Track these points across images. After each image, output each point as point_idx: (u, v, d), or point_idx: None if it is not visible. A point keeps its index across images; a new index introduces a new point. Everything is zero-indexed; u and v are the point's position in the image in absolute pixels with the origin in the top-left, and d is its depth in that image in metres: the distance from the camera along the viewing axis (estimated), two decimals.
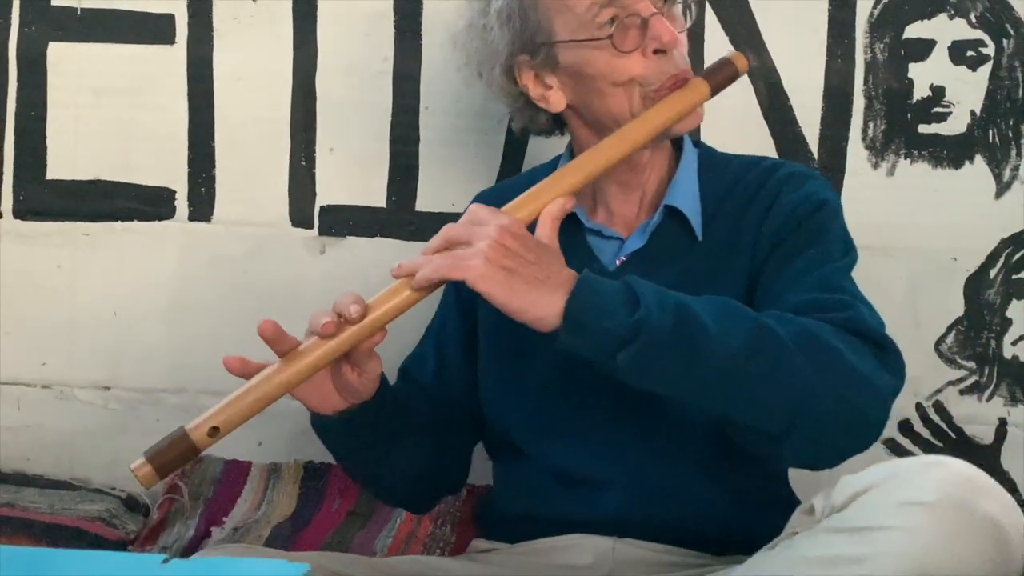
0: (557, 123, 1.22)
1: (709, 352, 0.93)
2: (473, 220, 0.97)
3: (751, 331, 0.95)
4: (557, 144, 1.28)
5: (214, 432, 0.94)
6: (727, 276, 1.13)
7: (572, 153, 1.21)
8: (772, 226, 1.13)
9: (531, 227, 0.99)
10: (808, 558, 0.88)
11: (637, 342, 0.91)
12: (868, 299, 1.07)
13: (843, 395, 0.96)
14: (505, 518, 1.20)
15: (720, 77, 1.12)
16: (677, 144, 1.21)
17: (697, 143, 1.24)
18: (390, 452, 1.13)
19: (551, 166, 1.24)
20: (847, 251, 1.13)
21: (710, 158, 1.22)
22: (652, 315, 0.92)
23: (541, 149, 1.28)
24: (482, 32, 1.17)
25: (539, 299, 0.92)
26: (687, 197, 1.17)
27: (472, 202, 1.27)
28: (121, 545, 1.40)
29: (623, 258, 1.16)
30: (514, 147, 1.56)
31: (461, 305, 1.25)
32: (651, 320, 0.91)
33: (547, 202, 1.01)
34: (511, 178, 1.36)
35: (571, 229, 1.12)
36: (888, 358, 1.01)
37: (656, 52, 1.09)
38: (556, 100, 1.15)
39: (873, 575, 0.82)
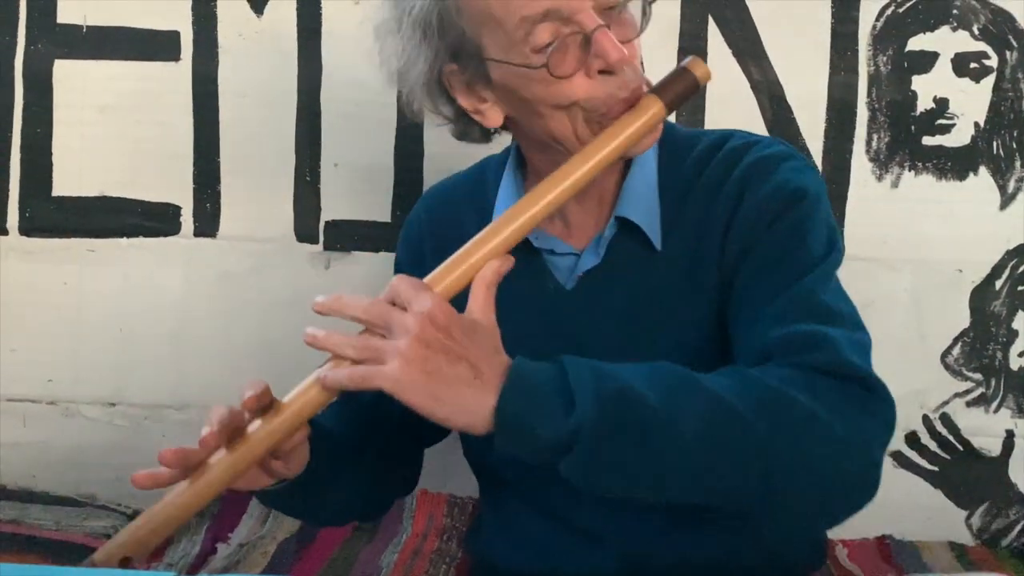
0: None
1: (660, 444, 0.83)
2: (395, 299, 0.85)
3: (706, 409, 0.84)
4: None
5: (125, 562, 0.90)
6: (693, 292, 1.02)
7: (519, 152, 1.12)
8: (739, 231, 1.00)
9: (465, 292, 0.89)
10: None
11: (576, 449, 0.81)
12: (856, 309, 0.98)
13: (822, 463, 0.85)
14: (494, 567, 1.14)
15: (676, 91, 0.98)
16: None
17: None
18: (327, 496, 1.04)
19: (502, 159, 1.17)
20: (829, 250, 0.99)
21: (672, 143, 1.08)
22: (588, 415, 0.81)
23: None
24: (397, 36, 1.03)
25: (467, 404, 0.82)
26: (642, 203, 1.04)
27: (420, 201, 1.25)
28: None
29: (579, 275, 1.06)
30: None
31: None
32: (588, 422, 0.81)
33: (479, 264, 0.89)
34: (459, 173, 1.25)
35: (525, 245, 1.01)
36: (873, 401, 0.90)
37: (602, 72, 0.96)
38: (493, 116, 1.03)
39: None
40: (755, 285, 0.98)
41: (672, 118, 1.09)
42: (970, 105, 1.54)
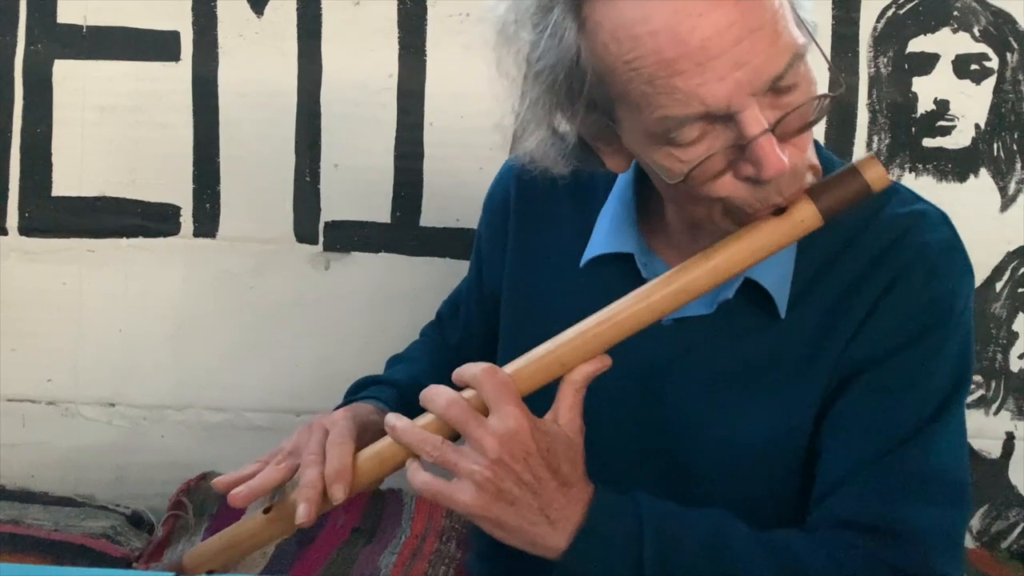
0: None
1: None
2: (478, 390, 0.83)
3: None
4: None
5: (210, 572, 0.95)
6: (806, 373, 0.91)
7: (638, 172, 0.98)
8: (872, 336, 0.89)
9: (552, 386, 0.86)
10: None
11: None
12: (966, 460, 0.90)
13: None
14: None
15: (838, 199, 0.82)
16: None
17: None
18: None
19: (608, 180, 1.01)
20: (959, 381, 0.90)
21: None
22: None
23: None
24: (523, 78, 0.87)
25: (536, 541, 0.82)
26: (775, 268, 0.90)
27: (509, 170, 1.10)
28: (126, 562, 1.39)
29: (680, 318, 0.93)
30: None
31: (483, 280, 1.12)
32: None
33: (572, 361, 0.84)
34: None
35: (633, 270, 0.95)
36: None
37: (748, 178, 0.81)
38: (617, 163, 0.91)
39: None
40: (862, 424, 0.89)
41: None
42: (971, 107, 1.54)
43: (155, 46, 1.56)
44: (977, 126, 1.54)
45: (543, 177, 0.96)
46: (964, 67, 1.54)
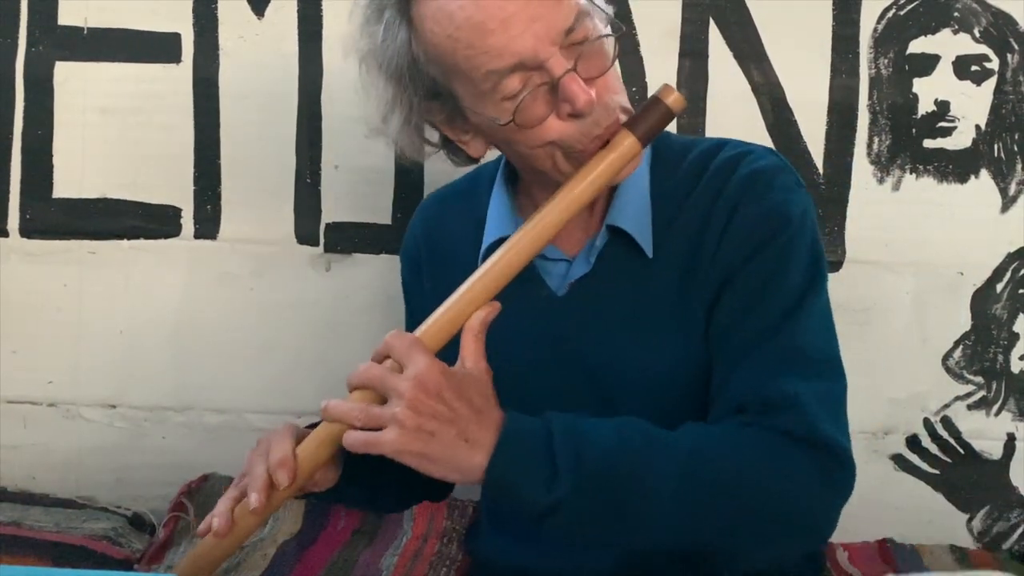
0: None
1: (635, 510, 0.92)
2: (390, 354, 0.93)
3: (676, 474, 0.92)
4: None
5: None
6: (683, 301, 1.04)
7: (509, 165, 1.14)
8: (727, 251, 1.03)
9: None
10: None
11: (558, 517, 0.91)
12: (835, 341, 1.03)
13: (772, 534, 0.96)
14: (494, 565, 1.17)
15: (649, 124, 0.99)
16: None
17: None
18: (375, 491, 1.13)
19: (494, 168, 1.18)
20: (812, 275, 1.03)
21: (665, 151, 1.10)
22: (570, 489, 0.89)
23: None
24: (376, 77, 1.04)
25: (459, 464, 0.90)
26: (633, 211, 1.06)
27: (416, 213, 1.28)
28: (127, 564, 1.40)
29: (571, 282, 1.09)
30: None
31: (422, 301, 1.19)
32: (570, 495, 0.90)
33: (467, 312, 0.96)
34: (454, 182, 1.28)
35: None
36: (832, 468, 0.96)
37: (572, 115, 0.97)
38: (476, 147, 1.07)
39: None
40: (736, 324, 1.01)
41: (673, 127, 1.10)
42: (971, 108, 1.54)
43: (156, 48, 1.56)
44: (978, 127, 1.54)
45: (442, 209, 1.17)
46: (964, 68, 1.54)
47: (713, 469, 0.93)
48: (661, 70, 1.54)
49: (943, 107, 1.54)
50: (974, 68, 1.54)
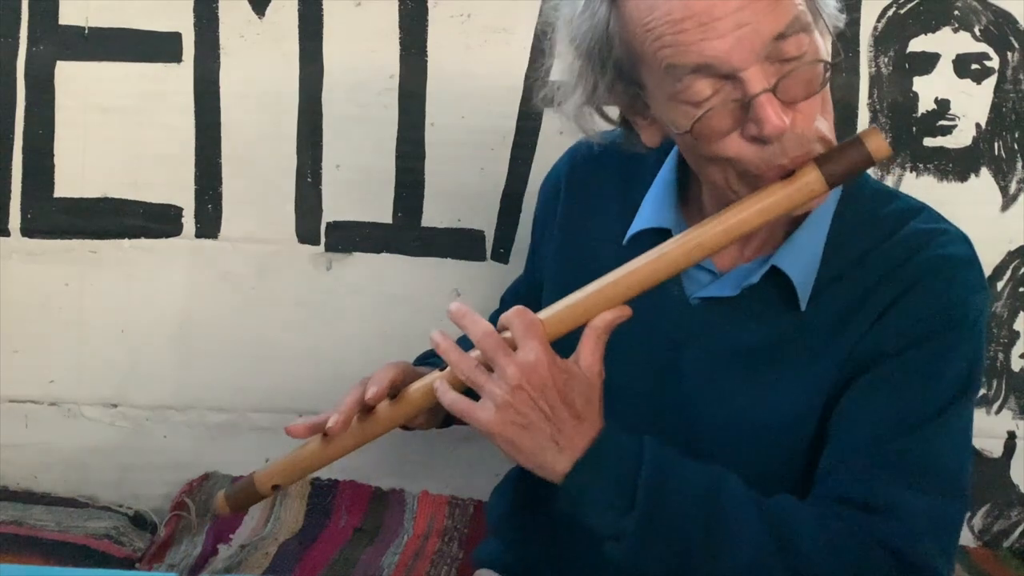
0: None
1: (696, 572, 0.90)
2: (509, 330, 0.90)
3: (746, 553, 0.88)
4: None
5: (276, 488, 1.05)
6: (819, 367, 0.97)
7: (680, 157, 1.05)
8: (883, 335, 0.94)
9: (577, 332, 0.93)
10: None
11: (622, 543, 0.89)
12: (967, 461, 0.95)
13: None
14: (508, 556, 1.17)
15: (843, 167, 0.88)
16: None
17: None
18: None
19: (660, 156, 1.08)
20: (965, 388, 0.95)
21: (856, 198, 1.00)
22: (637, 525, 0.88)
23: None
24: (566, 48, 0.99)
25: (543, 463, 0.90)
26: (804, 259, 0.98)
27: (566, 153, 1.20)
28: (128, 563, 1.40)
29: (709, 297, 1.02)
30: (520, 163, 1.56)
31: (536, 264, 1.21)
32: (635, 531, 0.88)
33: (596, 308, 0.92)
34: (612, 143, 1.11)
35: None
36: None
37: (756, 139, 0.88)
38: (651, 136, 1.00)
39: None
40: (867, 413, 0.95)
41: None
42: (971, 106, 1.54)
43: (157, 47, 1.56)
44: (978, 125, 1.55)
45: (595, 161, 1.10)
46: (965, 66, 1.54)
47: (791, 552, 0.89)
48: None
49: (943, 105, 1.54)
50: (974, 66, 1.54)
